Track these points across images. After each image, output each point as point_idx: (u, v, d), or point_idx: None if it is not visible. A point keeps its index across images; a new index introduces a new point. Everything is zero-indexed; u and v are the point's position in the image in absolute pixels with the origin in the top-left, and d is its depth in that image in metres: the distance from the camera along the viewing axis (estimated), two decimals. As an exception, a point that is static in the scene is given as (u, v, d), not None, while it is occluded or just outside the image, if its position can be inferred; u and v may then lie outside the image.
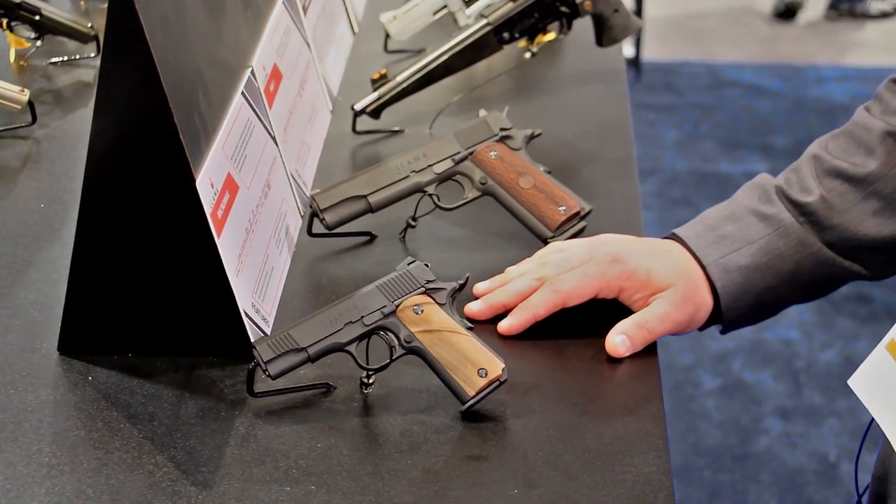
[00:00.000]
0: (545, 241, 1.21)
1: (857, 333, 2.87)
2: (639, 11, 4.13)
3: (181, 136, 0.98)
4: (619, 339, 1.09)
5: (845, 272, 1.18)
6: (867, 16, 4.74)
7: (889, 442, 1.06)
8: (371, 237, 1.26)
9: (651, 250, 1.14)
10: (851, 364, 2.75)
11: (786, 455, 2.53)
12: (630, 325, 1.10)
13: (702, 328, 1.17)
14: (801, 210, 1.16)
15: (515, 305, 1.11)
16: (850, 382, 0.97)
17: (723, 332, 1.19)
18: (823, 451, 2.54)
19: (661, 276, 1.11)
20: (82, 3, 1.81)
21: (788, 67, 4.32)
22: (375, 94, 1.47)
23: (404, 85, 1.48)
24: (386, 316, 1.02)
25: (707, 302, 1.13)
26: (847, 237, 1.16)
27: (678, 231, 1.16)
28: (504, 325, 1.10)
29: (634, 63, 4.20)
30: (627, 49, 4.13)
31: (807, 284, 1.18)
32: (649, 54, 4.31)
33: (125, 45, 0.96)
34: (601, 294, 1.11)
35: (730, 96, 4.11)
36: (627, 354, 1.09)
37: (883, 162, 1.15)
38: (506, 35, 1.51)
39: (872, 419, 1.02)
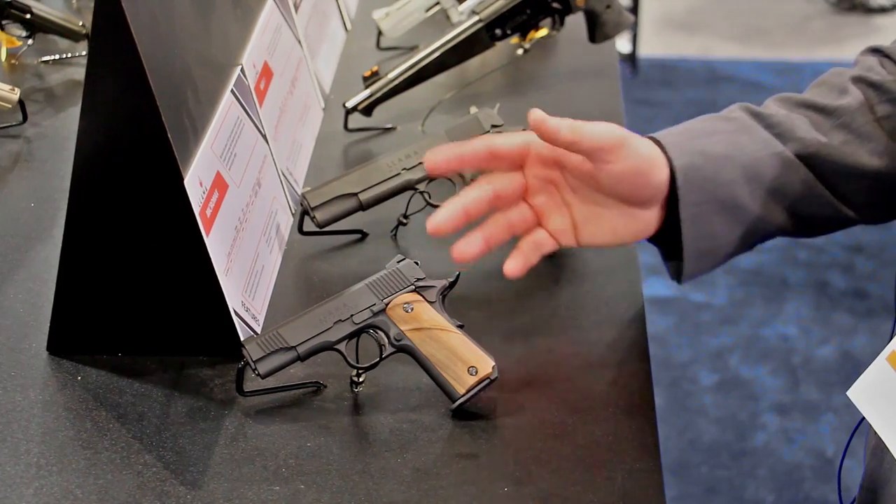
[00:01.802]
0: None
1: (854, 329, 2.86)
2: (635, 7, 4.12)
3: (169, 135, 0.97)
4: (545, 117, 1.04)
5: (820, 195, 1.11)
6: (867, 9, 4.73)
7: (877, 453, 1.06)
8: (362, 235, 1.26)
9: None
10: (849, 359, 2.75)
11: (783, 451, 2.53)
12: (568, 123, 1.04)
13: (665, 255, 1.12)
14: (765, 122, 1.11)
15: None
16: (850, 394, 0.96)
17: (685, 272, 1.09)
18: (821, 447, 2.53)
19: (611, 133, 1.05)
20: (74, 1, 1.80)
21: (785, 63, 4.32)
22: (367, 92, 1.47)
23: (396, 82, 1.47)
24: (375, 314, 1.02)
25: (664, 175, 1.05)
26: (812, 154, 1.10)
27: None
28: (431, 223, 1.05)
29: (631, 59, 4.19)
30: (624, 45, 4.12)
31: (779, 196, 1.10)
32: (646, 50, 4.31)
33: (112, 44, 0.95)
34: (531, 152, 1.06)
35: (727, 92, 4.10)
36: (549, 126, 1.03)
37: (854, 100, 1.12)
38: (498, 32, 1.50)
39: (858, 423, 1.02)
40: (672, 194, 1.07)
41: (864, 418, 1.00)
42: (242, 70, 1.22)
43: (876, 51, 1.19)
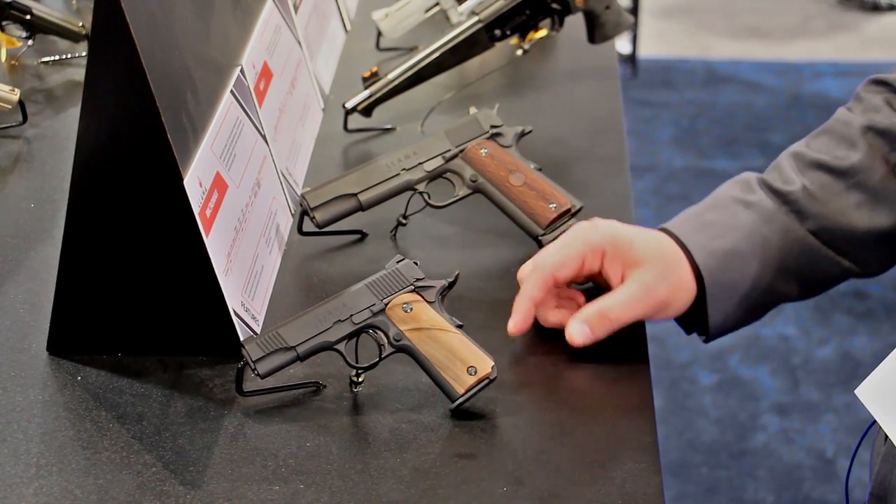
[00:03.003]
0: (536, 238, 1.21)
1: (854, 329, 2.86)
2: (635, 8, 4.12)
3: (169, 135, 0.98)
4: (578, 328, 1.06)
5: (833, 264, 1.15)
6: (876, 7, 4.72)
7: (889, 459, 1.06)
8: (362, 235, 1.26)
9: (635, 227, 1.12)
10: (849, 360, 2.75)
11: (783, 451, 2.53)
12: (592, 314, 1.07)
13: (687, 330, 1.15)
14: (783, 199, 1.14)
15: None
16: (858, 392, 0.96)
17: (708, 338, 1.16)
18: (821, 447, 2.53)
19: (641, 249, 1.08)
20: (74, 1, 1.80)
21: (785, 63, 4.32)
22: (367, 92, 1.47)
23: (396, 82, 1.48)
24: (375, 314, 1.02)
25: (688, 284, 1.10)
26: (830, 227, 1.14)
27: (664, 225, 1.15)
28: (510, 326, 1.08)
29: (631, 59, 4.19)
30: (624, 46, 4.12)
31: (794, 276, 1.15)
32: (646, 51, 4.31)
33: (112, 44, 0.95)
34: (587, 262, 1.08)
35: (727, 93, 4.11)
36: (585, 344, 1.06)
37: (865, 154, 1.14)
38: (497, 32, 1.50)
39: (869, 426, 1.02)
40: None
41: (871, 424, 1.00)
42: (242, 70, 1.22)
43: (880, 83, 1.18)
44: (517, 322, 1.08)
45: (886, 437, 1.01)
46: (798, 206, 1.14)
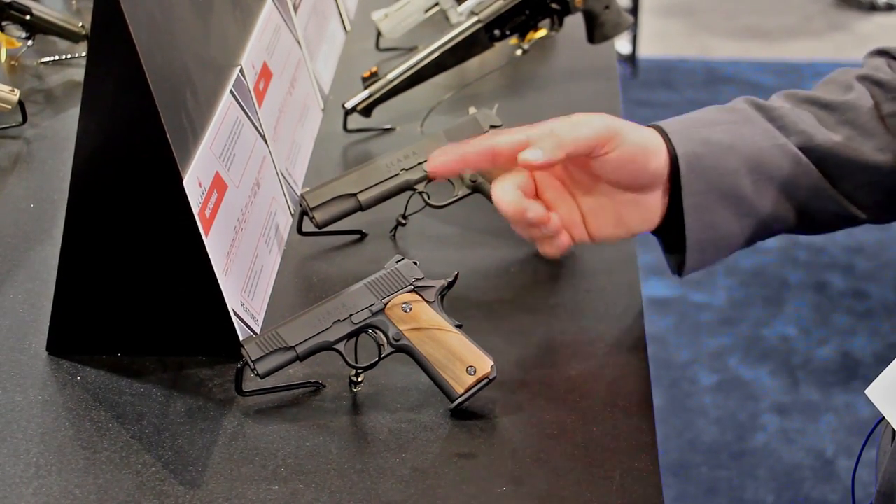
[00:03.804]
0: None
1: (854, 329, 2.86)
2: (635, 8, 4.12)
3: (168, 136, 0.98)
4: (529, 152, 1.03)
5: (820, 185, 1.10)
6: (874, 7, 4.72)
7: None
8: (361, 235, 1.26)
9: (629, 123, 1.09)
10: (849, 360, 2.75)
11: (783, 451, 2.53)
12: (539, 133, 1.04)
13: (666, 248, 1.12)
14: (769, 114, 1.11)
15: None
16: (868, 392, 0.96)
17: (685, 262, 1.09)
18: (820, 447, 2.54)
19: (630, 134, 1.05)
20: (74, 2, 1.80)
21: (785, 63, 4.32)
22: (366, 92, 1.47)
23: (395, 83, 1.48)
24: (374, 314, 1.02)
25: (661, 161, 1.06)
26: (814, 145, 1.10)
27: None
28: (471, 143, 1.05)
29: (631, 60, 4.20)
30: (624, 46, 4.13)
31: (777, 185, 1.09)
32: (646, 51, 4.31)
33: (111, 44, 0.95)
34: (597, 147, 1.05)
35: (727, 93, 4.11)
36: (538, 161, 1.03)
37: (860, 95, 1.13)
38: (497, 32, 1.50)
39: (875, 426, 1.02)
40: (675, 184, 1.08)
41: (876, 424, 1.00)
42: (241, 71, 1.22)
43: (883, 53, 1.19)
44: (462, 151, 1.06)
45: (894, 435, 1.01)
46: (782, 122, 1.11)
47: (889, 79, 1.14)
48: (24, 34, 1.60)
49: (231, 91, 1.17)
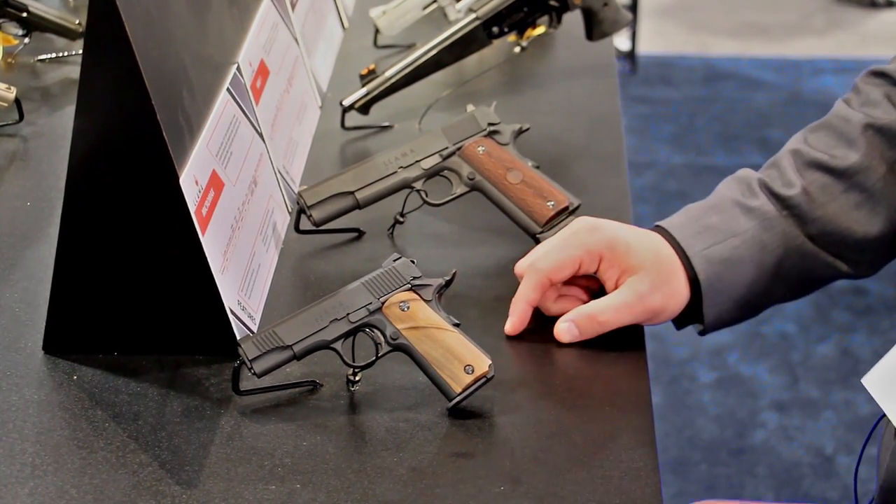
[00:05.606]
0: (534, 236, 1.20)
1: (854, 326, 2.86)
2: (634, 5, 4.12)
3: (164, 134, 0.97)
4: (566, 327, 1.08)
5: (828, 268, 1.16)
6: (874, 4, 4.71)
7: None
8: (359, 234, 1.26)
9: (633, 230, 1.13)
10: (848, 357, 2.75)
11: (782, 448, 2.53)
12: (582, 315, 1.08)
13: (679, 326, 1.16)
14: (783, 203, 1.15)
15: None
16: (865, 381, 0.96)
17: (702, 332, 1.16)
18: (820, 444, 2.53)
19: (638, 255, 1.09)
20: (71, -1, 1.80)
21: (785, 60, 4.31)
22: (364, 90, 1.47)
23: (393, 80, 1.47)
24: (371, 313, 1.02)
25: (682, 293, 1.11)
26: (829, 230, 1.14)
27: (661, 222, 1.15)
28: (507, 328, 1.10)
29: (630, 56, 4.19)
30: (623, 42, 4.12)
31: (790, 280, 1.16)
32: (645, 48, 4.30)
33: (107, 42, 0.95)
34: (584, 265, 1.09)
35: (726, 89, 4.10)
36: (571, 342, 1.08)
37: (864, 154, 1.14)
38: (495, 29, 1.50)
39: (876, 423, 1.01)
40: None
41: (877, 421, 0.99)
42: (238, 68, 1.21)
43: (879, 75, 1.18)
44: (514, 324, 1.09)
45: None
46: (798, 210, 1.14)
47: (890, 121, 1.15)
48: (20, 31, 1.60)
49: (228, 89, 1.16)
